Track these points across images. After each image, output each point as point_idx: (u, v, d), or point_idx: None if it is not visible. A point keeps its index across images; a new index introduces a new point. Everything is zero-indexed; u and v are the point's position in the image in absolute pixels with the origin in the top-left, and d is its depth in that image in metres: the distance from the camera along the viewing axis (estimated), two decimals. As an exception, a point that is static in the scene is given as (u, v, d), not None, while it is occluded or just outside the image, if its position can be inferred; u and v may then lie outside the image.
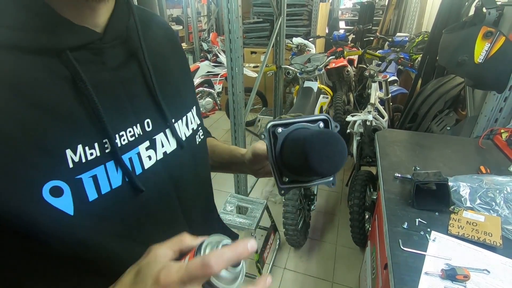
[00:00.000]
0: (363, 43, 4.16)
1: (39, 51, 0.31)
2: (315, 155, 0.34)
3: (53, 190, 0.30)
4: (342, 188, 2.63)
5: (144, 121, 0.40)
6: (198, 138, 0.50)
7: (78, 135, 0.32)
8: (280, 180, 0.42)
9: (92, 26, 0.35)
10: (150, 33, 0.44)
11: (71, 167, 0.31)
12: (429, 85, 2.18)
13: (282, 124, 0.41)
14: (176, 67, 0.49)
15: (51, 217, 0.30)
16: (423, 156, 1.21)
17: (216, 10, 5.60)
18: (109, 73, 0.36)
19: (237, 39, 1.58)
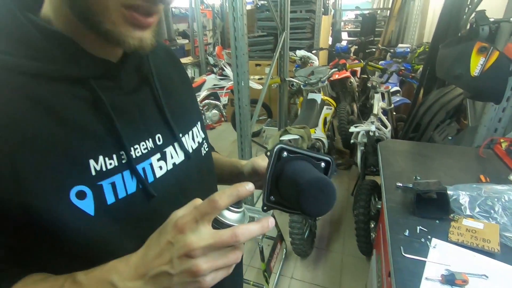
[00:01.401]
0: (365, 54, 4.23)
1: (67, 80, 0.37)
2: (307, 199, 0.38)
3: (78, 193, 0.36)
4: (347, 197, 2.65)
5: (155, 136, 0.46)
6: (203, 150, 0.56)
7: (99, 148, 0.38)
8: (268, 198, 0.45)
9: (110, 58, 0.41)
10: (156, 58, 0.50)
11: (93, 175, 0.37)
12: (431, 96, 2.23)
13: (289, 150, 0.44)
14: (181, 86, 0.56)
15: (76, 216, 0.36)
16: (425, 165, 1.25)
17: (221, 24, 5.77)
18: (125, 97, 0.43)
19: (243, 55, 1.66)
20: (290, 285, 1.85)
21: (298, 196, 0.39)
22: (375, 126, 2.04)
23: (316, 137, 2.10)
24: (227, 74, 3.45)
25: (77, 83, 0.38)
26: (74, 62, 0.37)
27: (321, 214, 0.41)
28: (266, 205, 0.45)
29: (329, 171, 0.46)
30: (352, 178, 2.89)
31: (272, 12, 2.27)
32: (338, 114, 2.94)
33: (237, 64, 1.70)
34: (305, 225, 1.88)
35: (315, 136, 2.10)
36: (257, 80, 3.75)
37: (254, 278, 1.84)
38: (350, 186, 2.77)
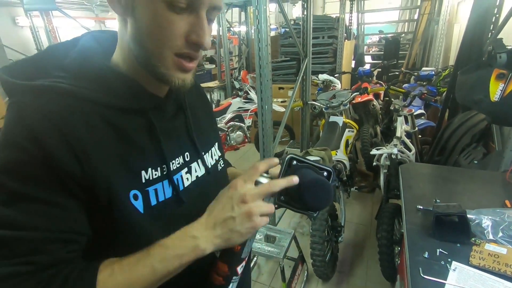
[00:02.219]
0: (389, 78, 4.25)
1: (132, 111, 0.49)
2: (308, 194, 0.50)
3: (134, 195, 0.47)
4: (371, 221, 2.60)
5: (185, 154, 0.57)
6: (219, 166, 0.67)
7: (149, 162, 0.50)
8: (279, 197, 0.54)
9: (160, 93, 0.54)
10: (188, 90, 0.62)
11: (143, 182, 0.49)
12: (456, 119, 2.20)
13: (298, 160, 0.55)
14: (204, 114, 0.68)
15: (132, 212, 0.47)
16: (447, 189, 1.24)
17: (247, 50, 6.06)
18: (168, 122, 0.55)
19: (267, 81, 1.78)
20: (311, 308, 1.82)
21: (301, 192, 0.50)
22: (398, 149, 2.04)
23: (337, 159, 2.14)
24: (252, 98, 3.60)
25: (137, 113, 0.50)
26: (137, 97, 0.50)
27: (320, 208, 0.52)
28: (276, 203, 0.54)
29: (330, 179, 0.55)
30: (376, 202, 2.84)
31: (294, 39, 2.40)
32: (361, 137, 2.95)
33: (261, 90, 1.82)
34: (327, 247, 1.88)
35: (336, 158, 2.13)
36: (280, 103, 3.87)
37: (275, 299, 1.84)
38: (374, 210, 2.72)
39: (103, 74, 0.48)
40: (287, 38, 4.35)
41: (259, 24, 1.68)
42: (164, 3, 0.42)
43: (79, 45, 0.51)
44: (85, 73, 0.47)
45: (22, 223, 0.40)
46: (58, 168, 0.40)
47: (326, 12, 9.06)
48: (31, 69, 0.47)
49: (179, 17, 0.44)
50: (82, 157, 0.42)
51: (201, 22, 0.45)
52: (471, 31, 1.98)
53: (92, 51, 0.50)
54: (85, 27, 2.83)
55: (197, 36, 0.45)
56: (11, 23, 4.61)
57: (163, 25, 0.43)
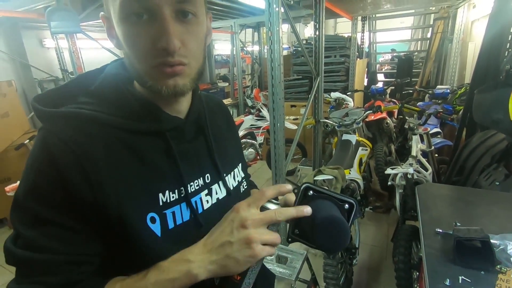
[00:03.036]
0: (402, 96, 4.21)
1: (150, 133, 0.50)
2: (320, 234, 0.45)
3: (151, 219, 0.47)
4: (387, 243, 2.50)
5: (206, 175, 0.56)
6: (242, 188, 0.65)
7: (166, 185, 0.49)
8: (292, 230, 0.49)
9: (178, 114, 0.54)
10: (211, 111, 0.63)
11: (161, 205, 0.48)
12: (474, 138, 2.13)
13: (314, 189, 0.49)
14: (228, 133, 0.67)
15: (149, 236, 0.46)
16: (467, 212, 1.19)
17: (259, 69, 6.18)
18: (187, 144, 0.55)
19: (280, 100, 1.80)
20: (324, 335, 1.74)
21: (313, 230, 0.45)
22: (414, 168, 1.99)
23: (350, 178, 2.09)
24: (264, 115, 3.63)
25: (156, 135, 0.51)
26: (157, 120, 0.51)
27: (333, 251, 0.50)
28: (290, 237, 0.50)
29: (353, 213, 0.48)
30: (392, 223, 2.74)
31: (306, 58, 2.44)
32: (375, 155, 2.89)
33: (274, 108, 1.83)
34: (341, 269, 1.81)
35: (350, 177, 2.09)
36: (292, 120, 3.88)
37: (286, 324, 1.76)
38: (389, 231, 2.62)
39: (123, 98, 0.49)
40: (299, 57, 4.42)
41: (272, 44, 1.72)
42: (128, 21, 0.43)
43: (105, 72, 0.53)
44: (107, 97, 0.49)
45: (42, 245, 0.42)
46: (73, 193, 0.42)
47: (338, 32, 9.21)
48: (59, 96, 0.50)
49: (144, 28, 0.43)
50: (96, 183, 0.43)
51: (163, 25, 0.42)
52: (487, 49, 1.96)
53: (117, 77, 0.52)
54: (105, 48, 2.98)
55: (163, 41, 0.42)
56: (39, 45, 4.90)
57: (133, 42, 0.44)
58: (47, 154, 0.43)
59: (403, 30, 8.60)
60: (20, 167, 2.91)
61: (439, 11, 4.62)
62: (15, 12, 3.08)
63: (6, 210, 2.83)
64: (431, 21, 5.49)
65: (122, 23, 0.44)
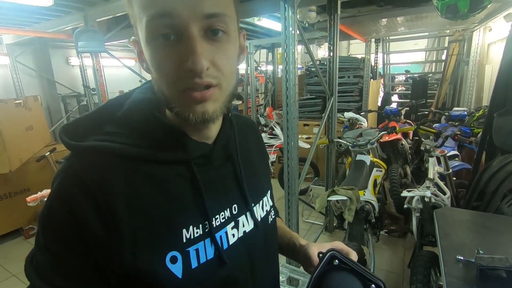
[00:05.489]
0: (417, 117, 4.16)
1: (175, 162, 0.46)
2: None
3: (172, 258, 0.42)
4: (403, 269, 2.39)
5: (232, 206, 0.51)
6: (270, 218, 0.59)
7: (190, 219, 0.45)
8: None
9: (207, 140, 0.49)
10: (241, 133, 0.57)
11: (184, 242, 0.43)
12: (495, 162, 2.06)
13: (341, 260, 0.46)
14: (258, 157, 0.62)
15: (168, 279, 0.41)
16: (489, 239, 1.14)
17: (273, 88, 6.28)
18: (213, 172, 0.49)
19: (294, 119, 1.81)
20: None
21: None
22: (431, 191, 1.93)
23: (365, 199, 2.05)
24: (277, 133, 3.65)
25: (181, 164, 0.46)
26: (183, 148, 0.46)
27: None
28: None
29: None
30: (408, 248, 2.63)
31: (320, 78, 2.47)
32: (389, 177, 2.83)
33: (288, 127, 1.85)
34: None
35: (364, 199, 2.05)
36: (305, 139, 3.88)
37: None
38: (406, 257, 2.51)
39: (149, 125, 0.45)
40: (313, 77, 4.48)
41: (287, 65, 1.76)
42: (155, 42, 0.40)
43: (132, 96, 0.49)
44: (133, 125, 0.46)
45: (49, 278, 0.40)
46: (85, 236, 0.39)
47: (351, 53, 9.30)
48: (86, 126, 0.46)
49: (172, 49, 0.39)
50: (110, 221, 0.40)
51: (189, 44, 0.38)
52: (506, 72, 1.93)
53: (144, 102, 0.47)
54: (126, 66, 3.11)
55: (190, 62, 0.38)
56: (65, 63, 5.20)
57: (159, 64, 0.41)
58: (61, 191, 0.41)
59: (417, 52, 8.61)
60: (39, 178, 3.00)
61: (454, 34, 4.62)
62: (46, 33, 3.30)
63: (23, 219, 2.90)
64: (446, 43, 5.49)
65: (149, 45, 0.40)
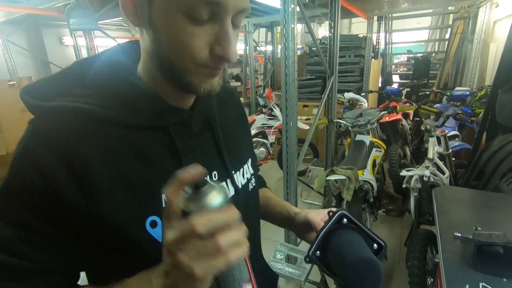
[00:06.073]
0: (418, 97, 4.10)
1: (152, 128, 0.45)
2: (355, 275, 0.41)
3: (152, 223, 0.43)
4: (400, 247, 2.43)
5: (212, 173, 0.52)
6: (250, 186, 0.60)
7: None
8: (314, 252, 0.47)
9: (185, 106, 0.49)
10: (219, 99, 0.57)
11: (164, 207, 0.42)
12: (495, 141, 2.05)
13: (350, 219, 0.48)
14: (238, 124, 0.62)
15: (148, 242, 0.42)
16: (487, 216, 1.14)
17: (272, 68, 6.16)
18: (192, 139, 0.50)
19: (293, 98, 1.78)
20: (333, 339, 1.70)
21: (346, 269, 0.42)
22: (430, 171, 1.93)
23: (364, 179, 2.05)
24: (276, 115, 3.61)
25: (160, 131, 0.46)
26: (159, 114, 0.46)
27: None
28: (309, 258, 0.47)
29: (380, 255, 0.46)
30: (405, 227, 2.67)
31: (321, 58, 2.41)
32: (388, 157, 2.83)
33: (287, 106, 1.81)
34: (352, 272, 1.77)
35: (363, 178, 2.05)
36: (305, 120, 3.85)
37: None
38: (403, 236, 2.56)
39: (122, 89, 0.44)
40: (313, 57, 4.38)
41: (286, 42, 1.70)
42: (183, 16, 0.38)
43: (102, 59, 0.47)
44: (104, 89, 0.44)
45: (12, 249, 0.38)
46: (58, 194, 0.38)
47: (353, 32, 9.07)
48: (53, 88, 0.44)
49: (201, 29, 0.39)
50: (88, 186, 0.39)
51: (226, 32, 0.40)
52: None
53: (116, 65, 0.46)
54: (122, 46, 3.02)
55: (222, 49, 0.40)
56: (58, 43, 5.06)
57: (183, 39, 0.39)
58: (29, 154, 0.39)
59: (420, 31, 8.39)
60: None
61: (459, 11, 4.48)
62: (37, 9, 3.18)
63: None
64: (450, 21, 5.33)
65: (175, 14, 0.38)
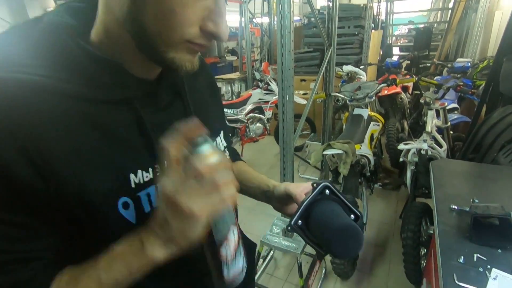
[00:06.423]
0: (419, 70, 4.00)
1: (115, 102, 0.41)
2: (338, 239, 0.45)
3: (124, 204, 0.41)
4: (395, 220, 2.48)
5: None
6: None
7: (138, 163, 0.43)
8: (296, 221, 0.49)
9: (150, 77, 0.45)
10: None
11: (133, 187, 0.42)
12: (495, 113, 2.01)
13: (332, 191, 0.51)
14: (210, 99, 0.60)
15: (122, 224, 0.41)
16: (485, 189, 1.13)
17: (269, 41, 5.94)
18: (161, 112, 0.47)
19: (289, 70, 1.71)
20: (328, 306, 1.77)
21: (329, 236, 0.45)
22: (428, 144, 1.91)
23: (361, 153, 2.03)
24: (272, 89, 3.52)
25: (124, 104, 0.42)
26: (121, 85, 0.41)
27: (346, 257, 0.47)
28: (291, 227, 0.50)
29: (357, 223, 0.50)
30: (401, 200, 2.71)
31: (319, 28, 2.30)
32: (386, 131, 2.80)
33: (283, 79, 1.75)
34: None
35: (360, 152, 2.03)
36: (302, 95, 3.77)
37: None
38: (398, 208, 2.59)
39: (72, 56, 0.38)
40: (311, 28, 4.20)
41: (282, 10, 1.60)
42: None
43: (45, 21, 0.40)
44: (49, 56, 0.38)
45: None
46: (16, 183, 0.35)
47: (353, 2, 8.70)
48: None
49: (195, 0, 0.36)
50: (47, 169, 0.35)
51: (220, 6, 0.38)
52: (518, 16, 1.79)
53: (62, 28, 0.39)
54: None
55: (215, 25, 0.38)
56: (43, 15, 4.81)
57: (174, 10, 0.35)
58: None
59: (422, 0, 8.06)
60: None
61: (465, -23, 4.26)
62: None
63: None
64: (454, -12, 5.08)
65: None
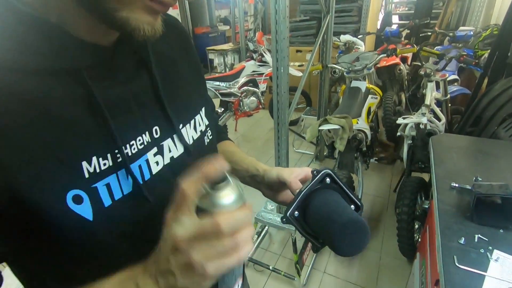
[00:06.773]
0: (419, 39, 3.85)
1: (56, 73, 0.33)
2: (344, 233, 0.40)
3: (75, 198, 0.33)
4: (389, 194, 2.48)
5: (153, 129, 0.42)
6: (206, 139, 0.52)
7: (92, 148, 0.35)
8: (292, 212, 0.45)
9: (104, 43, 0.37)
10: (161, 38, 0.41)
11: (87, 177, 0.34)
12: (497, 85, 1.94)
13: (334, 180, 0.47)
14: (187, 70, 0.51)
15: (75, 222, 0.34)
16: (487, 165, 1.09)
17: (263, 9, 5.63)
18: (121, 86, 0.39)
19: (284, 40, 1.58)
20: (322, 279, 1.80)
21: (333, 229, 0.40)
22: (427, 118, 1.85)
23: (358, 128, 1.97)
24: (267, 61, 3.37)
25: (68, 76, 0.34)
26: (64, 52, 0.33)
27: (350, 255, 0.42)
28: (287, 218, 0.45)
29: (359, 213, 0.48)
30: (396, 174, 2.70)
31: (316, -6, 2.14)
32: (383, 104, 2.73)
33: (277, 49, 1.63)
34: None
35: (357, 127, 1.97)
36: (297, 67, 3.62)
37: (286, 268, 1.82)
38: (393, 182, 2.59)
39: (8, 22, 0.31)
40: (307, -6, 3.95)
41: (276, -30, 1.45)
42: None
43: None
44: None
45: None
46: None
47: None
48: None
49: None
50: None
51: None
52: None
53: None
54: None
55: None
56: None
57: None
58: None
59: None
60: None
61: None
62: None
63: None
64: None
65: None
